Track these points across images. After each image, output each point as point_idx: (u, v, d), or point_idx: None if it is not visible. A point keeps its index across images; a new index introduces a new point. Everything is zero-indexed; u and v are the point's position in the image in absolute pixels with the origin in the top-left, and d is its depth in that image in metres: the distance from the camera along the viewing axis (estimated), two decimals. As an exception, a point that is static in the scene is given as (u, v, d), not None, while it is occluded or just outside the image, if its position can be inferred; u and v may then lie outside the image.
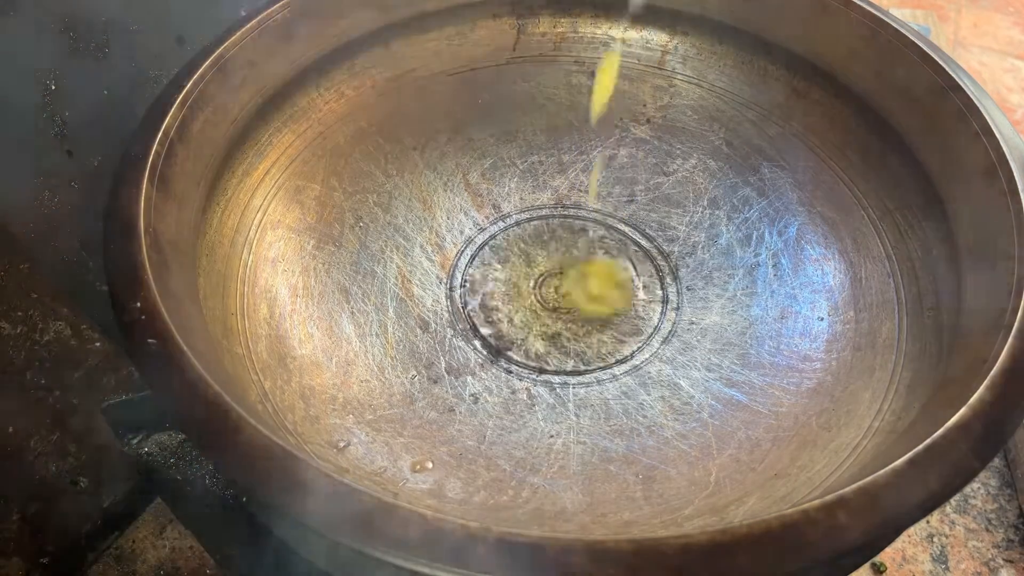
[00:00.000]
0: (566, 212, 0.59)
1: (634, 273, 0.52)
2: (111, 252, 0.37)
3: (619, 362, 0.50)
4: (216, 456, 0.31)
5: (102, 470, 0.64)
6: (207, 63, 0.46)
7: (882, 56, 0.51)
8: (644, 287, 0.54)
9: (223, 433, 0.30)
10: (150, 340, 0.33)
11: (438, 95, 0.60)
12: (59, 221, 0.51)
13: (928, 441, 0.31)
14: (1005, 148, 0.42)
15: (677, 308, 0.53)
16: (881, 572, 0.65)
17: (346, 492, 0.28)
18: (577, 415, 0.47)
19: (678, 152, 0.61)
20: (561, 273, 0.54)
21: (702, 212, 0.58)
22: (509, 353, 0.50)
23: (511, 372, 0.49)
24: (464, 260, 0.55)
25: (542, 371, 0.49)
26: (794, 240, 0.54)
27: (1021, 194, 0.40)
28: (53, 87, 0.48)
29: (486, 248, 0.56)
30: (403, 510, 0.28)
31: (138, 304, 0.34)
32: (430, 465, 0.43)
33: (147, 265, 0.36)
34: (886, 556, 0.65)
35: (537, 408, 0.47)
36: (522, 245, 0.57)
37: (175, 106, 0.43)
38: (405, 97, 0.59)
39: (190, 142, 0.44)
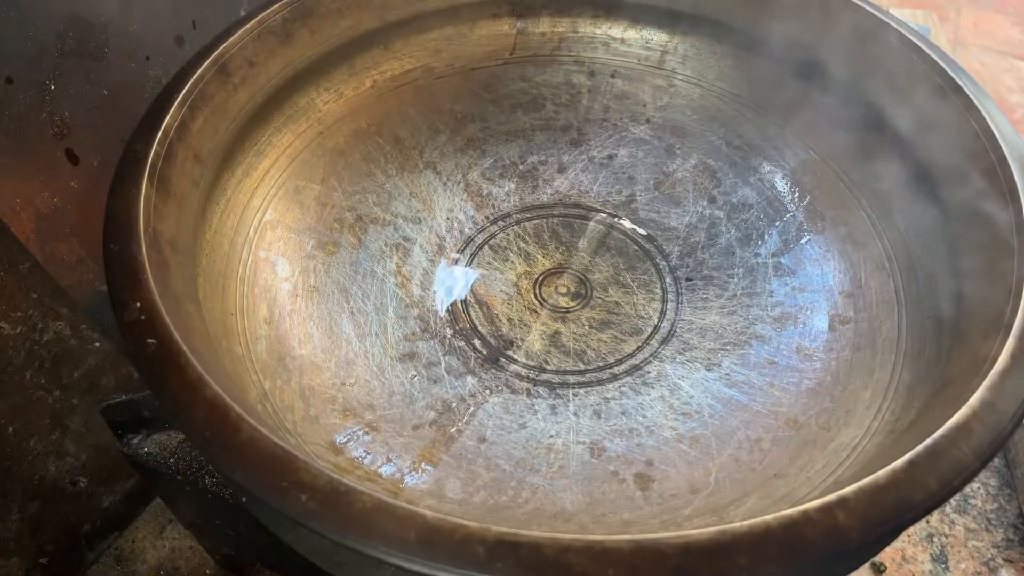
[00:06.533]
0: (566, 211, 0.59)
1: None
2: (111, 252, 0.37)
3: (619, 362, 0.50)
4: (216, 456, 0.31)
5: (102, 470, 0.64)
6: (207, 63, 0.46)
7: (882, 56, 0.51)
8: (644, 287, 0.54)
9: (223, 433, 0.30)
10: (150, 340, 0.33)
11: (438, 95, 0.60)
12: (59, 221, 0.51)
13: (928, 441, 0.31)
14: (1005, 148, 0.42)
15: (677, 308, 0.53)
16: (881, 572, 0.65)
17: (346, 492, 0.28)
18: (577, 415, 0.47)
19: (678, 152, 0.61)
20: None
21: (702, 212, 0.58)
22: (509, 353, 0.50)
23: (511, 372, 0.49)
24: (464, 260, 0.55)
25: (542, 371, 0.49)
26: (794, 240, 0.54)
27: (1021, 194, 0.40)
28: (53, 87, 0.48)
29: (486, 248, 0.56)
30: (403, 510, 0.28)
31: (138, 304, 0.34)
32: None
33: (147, 265, 0.35)
34: (886, 556, 0.66)
35: (537, 408, 0.47)
36: (522, 244, 0.57)
37: (175, 106, 0.43)
38: (405, 97, 0.59)
39: (190, 142, 0.44)
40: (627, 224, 0.58)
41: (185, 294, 0.38)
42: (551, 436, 0.45)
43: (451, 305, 0.53)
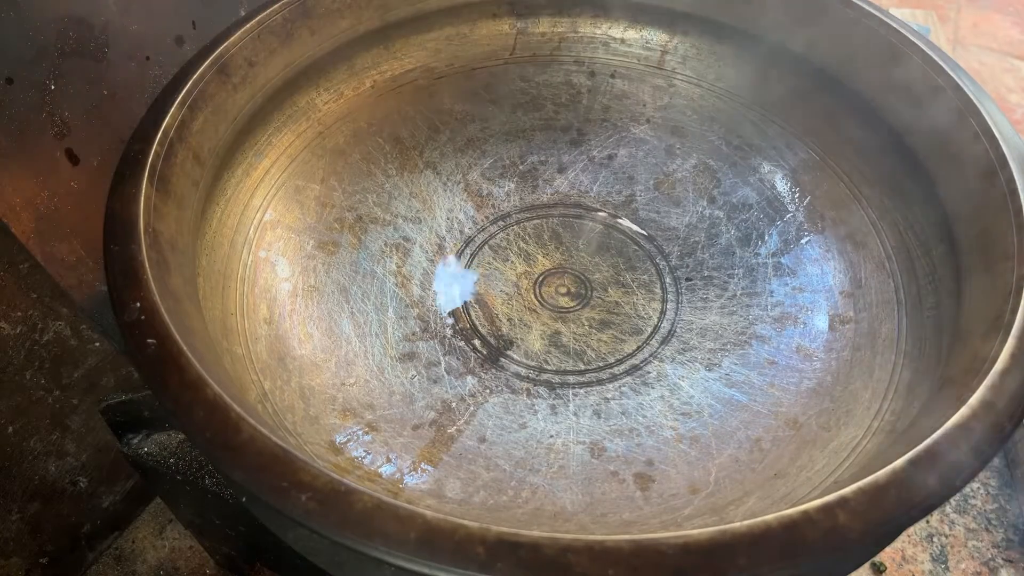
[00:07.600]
0: (566, 211, 0.59)
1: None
2: (111, 252, 0.37)
3: (619, 362, 0.50)
4: (216, 456, 0.31)
5: (102, 470, 0.64)
6: (207, 63, 0.46)
7: (882, 56, 0.51)
8: (644, 288, 0.54)
9: (223, 433, 0.30)
10: (150, 340, 0.33)
11: (438, 95, 0.60)
12: (59, 221, 0.51)
13: (928, 441, 0.31)
14: (1005, 148, 0.42)
15: (677, 308, 0.53)
16: (881, 572, 0.65)
17: (346, 492, 0.28)
18: (577, 415, 0.47)
19: (678, 152, 0.61)
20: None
21: (702, 212, 0.58)
22: (509, 353, 0.50)
23: (511, 372, 0.49)
24: (464, 260, 0.55)
25: (542, 371, 0.49)
26: (794, 240, 0.54)
27: (1021, 194, 0.40)
28: (53, 87, 0.48)
29: (486, 248, 0.56)
30: (403, 510, 0.28)
31: (138, 304, 0.34)
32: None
33: (147, 265, 0.36)
34: (886, 556, 0.66)
35: (537, 408, 0.47)
36: (522, 244, 0.57)
37: (175, 106, 0.43)
38: (405, 97, 0.59)
39: (190, 142, 0.44)
40: (627, 224, 0.58)
41: (185, 294, 0.38)
42: (551, 436, 0.45)
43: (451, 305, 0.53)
